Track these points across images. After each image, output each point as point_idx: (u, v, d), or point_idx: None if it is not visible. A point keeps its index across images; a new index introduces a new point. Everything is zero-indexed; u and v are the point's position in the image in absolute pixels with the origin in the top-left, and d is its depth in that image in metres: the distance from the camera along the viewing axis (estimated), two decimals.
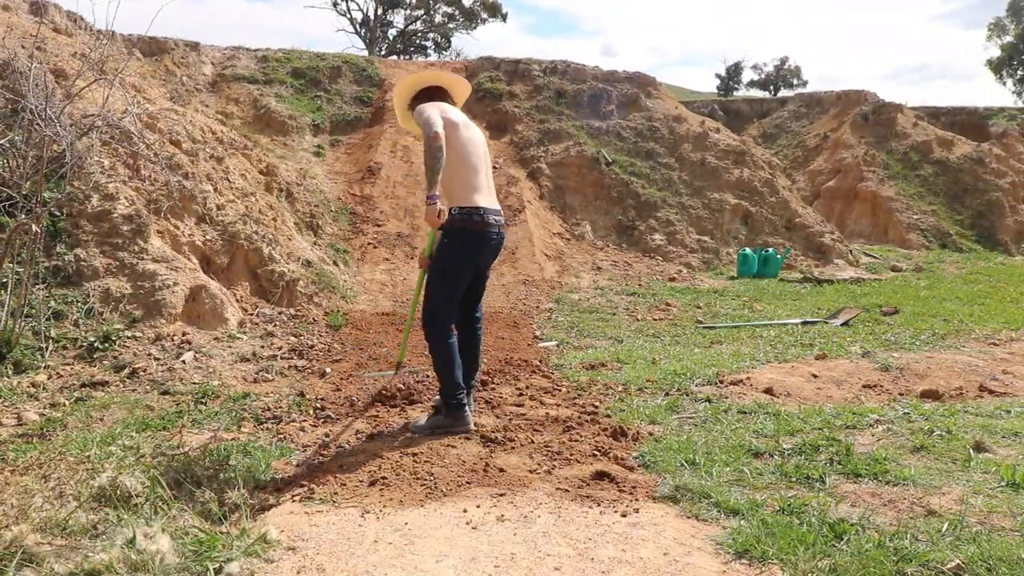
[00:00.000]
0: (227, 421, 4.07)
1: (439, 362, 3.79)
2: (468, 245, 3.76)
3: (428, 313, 3.80)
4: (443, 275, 3.79)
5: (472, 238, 3.74)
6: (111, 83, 6.17)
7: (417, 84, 4.07)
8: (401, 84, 4.13)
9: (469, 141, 3.86)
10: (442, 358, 3.77)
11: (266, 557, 2.50)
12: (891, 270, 12.98)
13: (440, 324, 3.79)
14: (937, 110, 22.36)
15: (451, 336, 3.82)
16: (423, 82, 4.08)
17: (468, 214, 3.72)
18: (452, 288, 3.80)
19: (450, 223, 3.68)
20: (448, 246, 3.75)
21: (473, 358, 4.04)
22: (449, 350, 3.78)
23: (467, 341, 4.00)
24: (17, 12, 7.93)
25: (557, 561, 2.52)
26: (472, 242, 3.75)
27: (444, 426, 3.75)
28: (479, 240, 3.76)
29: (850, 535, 2.63)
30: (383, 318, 7.37)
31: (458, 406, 3.75)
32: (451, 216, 3.67)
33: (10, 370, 4.69)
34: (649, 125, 13.90)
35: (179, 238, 6.69)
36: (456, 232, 3.72)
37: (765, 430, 3.87)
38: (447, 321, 3.82)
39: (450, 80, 4.15)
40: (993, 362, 5.81)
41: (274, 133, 11.93)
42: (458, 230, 3.71)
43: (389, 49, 39.00)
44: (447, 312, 3.81)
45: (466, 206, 3.73)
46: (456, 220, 3.69)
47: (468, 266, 3.83)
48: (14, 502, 2.69)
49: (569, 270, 10.28)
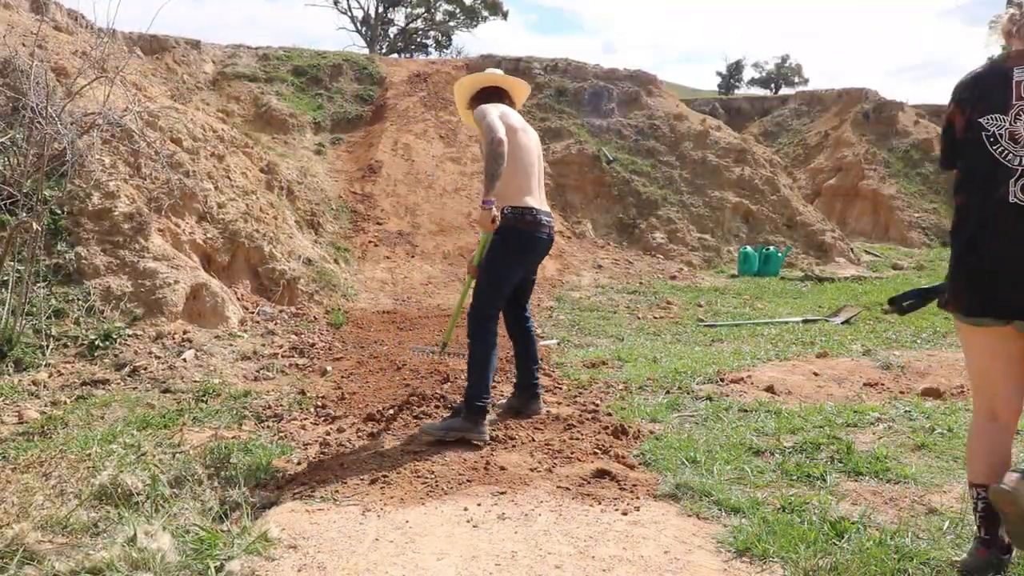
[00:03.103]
0: (228, 419, 4.07)
1: (476, 359, 3.75)
2: (519, 244, 3.79)
3: (475, 310, 3.80)
4: (493, 274, 3.81)
5: (524, 237, 3.78)
6: (112, 81, 6.17)
7: (476, 84, 4.13)
8: (461, 83, 4.17)
9: (525, 146, 3.91)
10: (480, 356, 3.74)
11: (267, 555, 2.50)
12: (892, 268, 12.97)
13: (485, 323, 3.78)
14: (938, 108, 22.30)
15: (494, 336, 3.79)
16: (482, 83, 4.12)
17: (520, 214, 3.76)
18: (501, 287, 3.83)
19: (502, 222, 3.72)
20: (500, 245, 3.77)
21: (531, 354, 4.11)
22: (489, 350, 3.76)
23: (523, 339, 4.11)
24: (18, 10, 7.93)
25: (558, 559, 2.52)
26: (523, 241, 3.79)
27: (460, 430, 3.60)
28: (530, 240, 3.80)
29: (851, 533, 2.63)
30: (384, 316, 7.38)
31: (481, 411, 3.65)
32: (503, 215, 3.72)
33: (11, 368, 4.70)
34: (650, 123, 13.89)
35: (180, 236, 6.69)
36: (508, 231, 3.75)
37: (766, 428, 3.87)
38: (493, 320, 3.81)
39: (510, 83, 4.19)
40: None
41: (275, 131, 11.93)
42: (510, 229, 3.74)
43: (390, 47, 38.98)
44: (494, 311, 3.82)
45: (518, 206, 3.77)
46: (508, 219, 3.73)
47: (518, 265, 3.88)
48: (15, 500, 2.69)
49: (570, 268, 10.27)
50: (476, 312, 3.80)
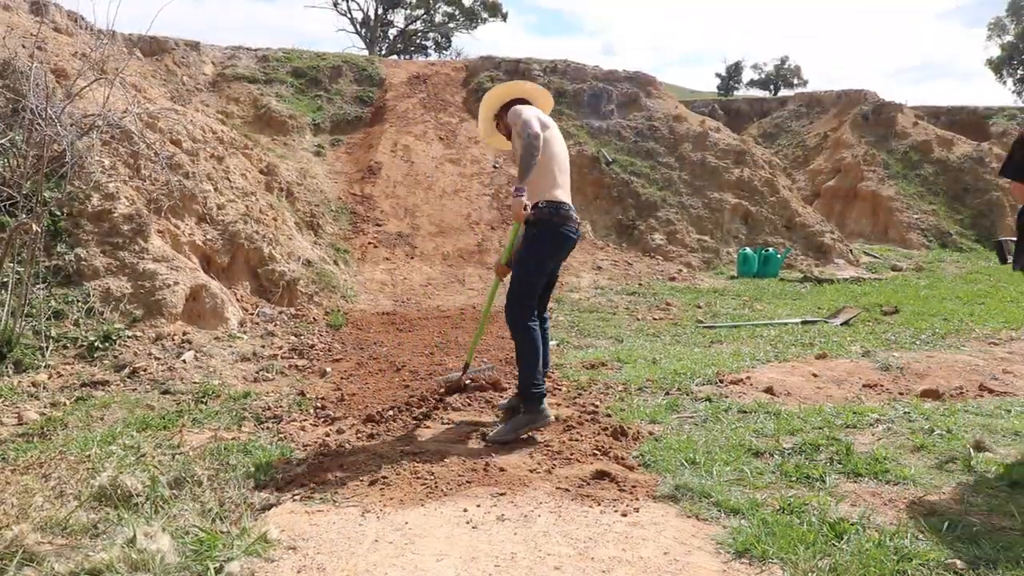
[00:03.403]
0: (227, 420, 4.07)
1: (524, 352, 3.82)
2: (554, 237, 3.86)
3: (513, 305, 3.85)
4: (528, 266, 3.87)
5: (558, 230, 3.84)
6: (111, 83, 6.17)
7: (505, 95, 4.21)
8: (489, 96, 4.24)
9: (558, 143, 4.00)
10: (527, 348, 3.82)
11: (266, 556, 2.50)
12: (891, 269, 12.98)
13: (524, 314, 3.84)
14: (937, 109, 22.36)
15: (535, 327, 3.87)
16: (510, 94, 4.22)
17: (556, 207, 3.84)
18: (536, 280, 3.89)
19: (537, 215, 3.80)
20: (535, 238, 3.85)
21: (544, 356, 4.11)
22: (534, 340, 3.83)
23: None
24: (18, 12, 7.93)
25: (557, 560, 2.53)
26: (557, 234, 3.85)
27: (526, 423, 3.72)
28: (563, 233, 3.86)
29: (850, 534, 2.63)
30: (383, 318, 7.38)
31: (539, 397, 3.76)
32: (538, 209, 3.80)
33: (11, 369, 4.70)
34: (649, 125, 13.90)
35: (179, 237, 6.69)
36: (543, 224, 3.82)
37: (765, 429, 3.88)
38: (530, 310, 3.87)
39: (537, 93, 4.28)
40: (993, 361, 5.81)
41: (274, 133, 11.93)
42: (545, 222, 3.82)
43: (389, 49, 39.01)
44: (531, 302, 3.88)
45: (553, 200, 3.85)
46: (544, 212, 3.81)
47: (551, 259, 3.95)
48: (15, 501, 2.69)
49: (569, 269, 10.28)
50: (513, 306, 3.85)
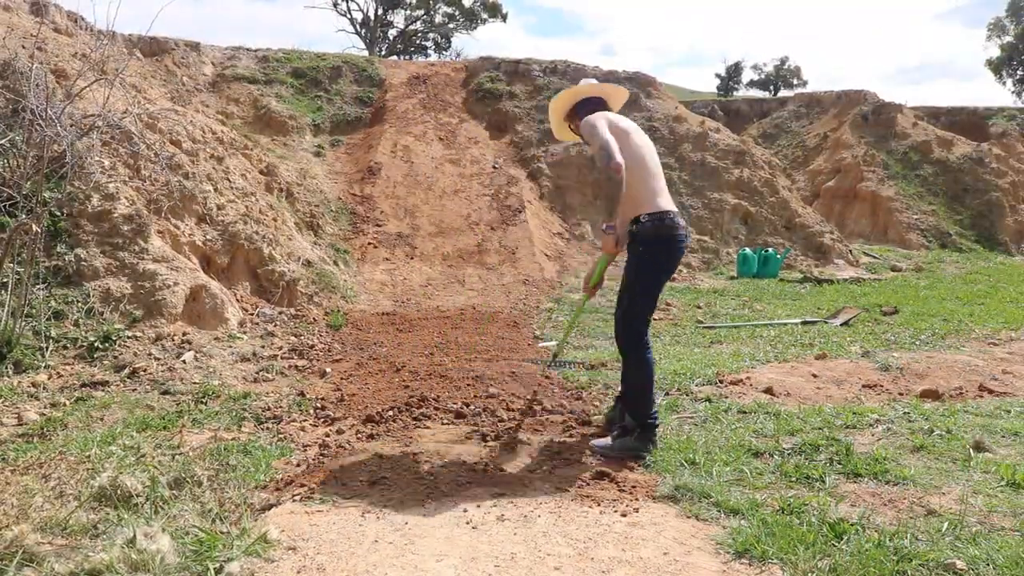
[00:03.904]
0: (227, 421, 4.07)
1: (636, 380, 3.61)
2: (662, 251, 3.60)
3: (628, 330, 3.61)
4: (640, 287, 3.61)
5: (665, 244, 3.58)
6: (111, 83, 6.18)
7: (574, 98, 3.97)
8: (557, 100, 4.00)
9: (644, 146, 3.73)
10: (640, 376, 3.59)
11: (266, 557, 2.50)
12: (891, 270, 12.98)
13: (639, 340, 3.60)
14: (937, 110, 22.37)
15: (650, 353, 3.64)
16: (580, 95, 3.96)
17: (659, 219, 3.56)
18: (650, 301, 3.65)
19: (642, 231, 3.54)
20: (643, 256, 3.57)
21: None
22: (648, 368, 3.60)
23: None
24: (18, 12, 7.93)
25: (557, 561, 2.53)
26: (666, 248, 3.60)
27: (635, 449, 3.51)
28: (672, 245, 3.60)
29: (850, 535, 2.64)
30: (383, 318, 7.38)
31: (652, 427, 3.56)
32: (641, 224, 3.53)
33: (10, 370, 4.70)
34: (649, 125, 13.90)
35: (179, 238, 6.69)
36: (650, 240, 3.55)
37: (765, 430, 3.88)
38: (645, 335, 3.63)
39: (609, 90, 4.02)
40: (993, 362, 5.81)
41: (274, 133, 11.94)
42: (651, 238, 3.55)
43: (389, 49, 39.02)
44: (645, 326, 3.64)
45: (655, 211, 3.56)
46: (648, 228, 3.53)
47: (664, 274, 3.69)
48: (14, 502, 2.69)
49: (569, 270, 10.28)
50: (628, 330, 3.62)
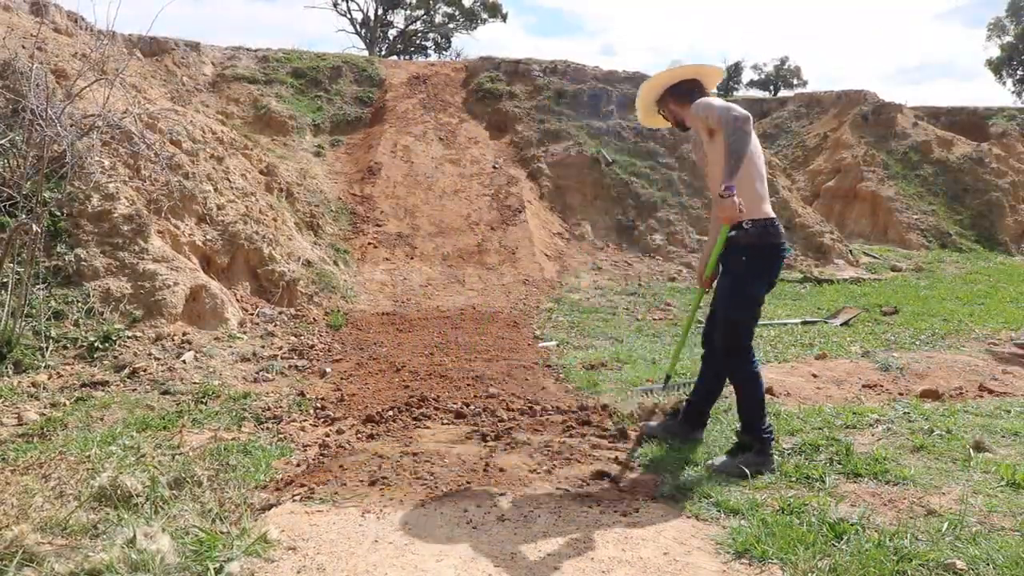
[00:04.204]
0: (227, 421, 4.07)
1: (747, 395, 3.41)
2: (767, 261, 3.37)
3: (732, 343, 3.42)
4: (743, 299, 3.39)
5: (770, 253, 3.36)
6: (111, 83, 6.17)
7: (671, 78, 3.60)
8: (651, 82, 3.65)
9: (756, 146, 3.41)
10: (749, 390, 3.40)
11: (266, 557, 2.50)
12: (891, 270, 12.98)
13: (746, 356, 3.41)
14: (937, 110, 22.35)
15: (757, 365, 3.45)
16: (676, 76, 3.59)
17: (764, 227, 3.32)
18: (754, 313, 3.44)
19: (744, 238, 3.30)
20: (746, 265, 3.34)
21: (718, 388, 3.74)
22: (757, 381, 3.40)
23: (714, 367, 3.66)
24: (18, 12, 7.93)
25: (557, 561, 2.53)
26: (770, 258, 3.38)
27: (756, 464, 3.29)
28: (776, 255, 3.39)
29: (850, 535, 2.64)
30: (383, 318, 7.38)
31: (769, 442, 3.37)
32: (745, 231, 3.29)
33: (10, 370, 4.70)
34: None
35: (179, 238, 6.69)
36: (754, 249, 3.32)
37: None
38: (751, 351, 3.45)
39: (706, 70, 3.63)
40: (993, 362, 5.81)
41: (274, 133, 11.93)
42: (756, 246, 3.32)
43: (389, 49, 39.01)
44: (749, 340, 3.45)
45: (760, 218, 3.31)
46: (752, 236, 3.30)
47: (766, 285, 3.43)
48: (14, 502, 2.69)
49: (569, 270, 10.28)
50: (733, 348, 3.42)
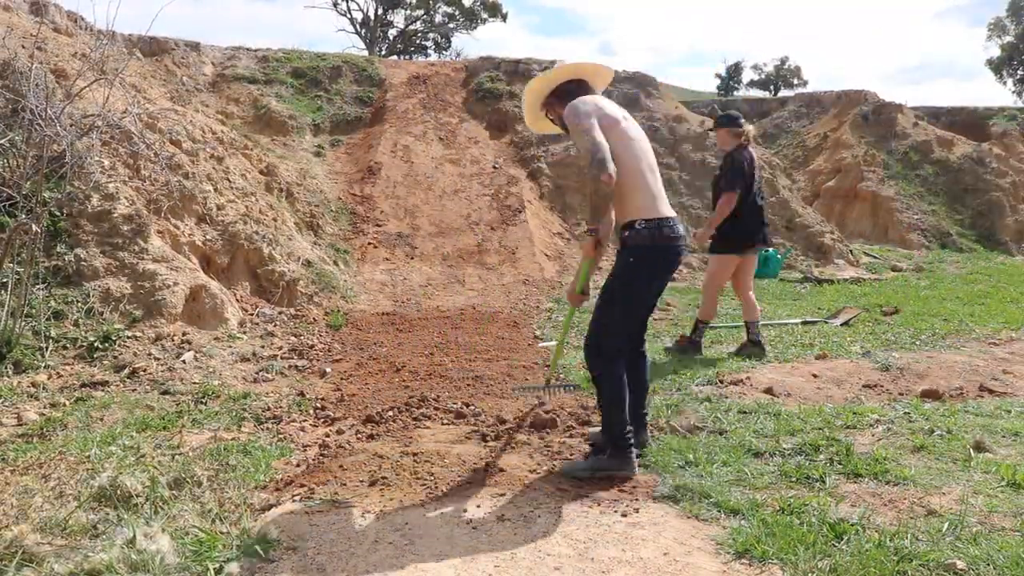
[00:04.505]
0: (227, 421, 4.07)
1: (606, 398, 3.29)
2: (656, 263, 3.27)
3: (595, 343, 3.30)
4: (621, 300, 3.27)
5: (661, 255, 3.25)
6: (111, 83, 6.17)
7: (552, 83, 3.49)
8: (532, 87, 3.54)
9: (637, 139, 3.32)
10: (610, 393, 3.27)
11: (266, 557, 2.50)
12: (891, 270, 12.97)
13: (609, 355, 3.28)
14: (937, 110, 22.36)
15: (620, 369, 3.31)
16: (559, 78, 3.48)
17: (657, 227, 3.20)
18: (630, 314, 3.32)
19: (635, 239, 3.20)
20: (632, 266, 3.22)
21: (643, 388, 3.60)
22: (618, 385, 3.28)
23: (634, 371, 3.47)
24: (17, 12, 7.93)
25: (557, 561, 2.53)
26: (660, 260, 3.27)
27: (607, 468, 3.25)
28: (668, 257, 3.28)
29: (850, 535, 2.63)
30: (383, 318, 7.38)
31: (625, 447, 3.26)
32: (635, 231, 3.20)
33: (10, 370, 4.70)
34: (649, 125, 13.89)
35: (179, 238, 6.69)
36: (642, 250, 3.20)
37: (765, 430, 3.87)
38: (618, 352, 3.31)
39: (590, 70, 3.50)
40: (993, 362, 5.81)
41: (274, 133, 11.93)
42: (646, 247, 3.20)
43: (389, 49, 39.02)
44: (618, 342, 3.31)
45: (652, 217, 3.20)
46: (642, 235, 3.19)
47: (651, 288, 3.35)
48: (14, 502, 2.69)
49: (569, 270, 10.27)
50: (601, 347, 3.29)
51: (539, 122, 3.69)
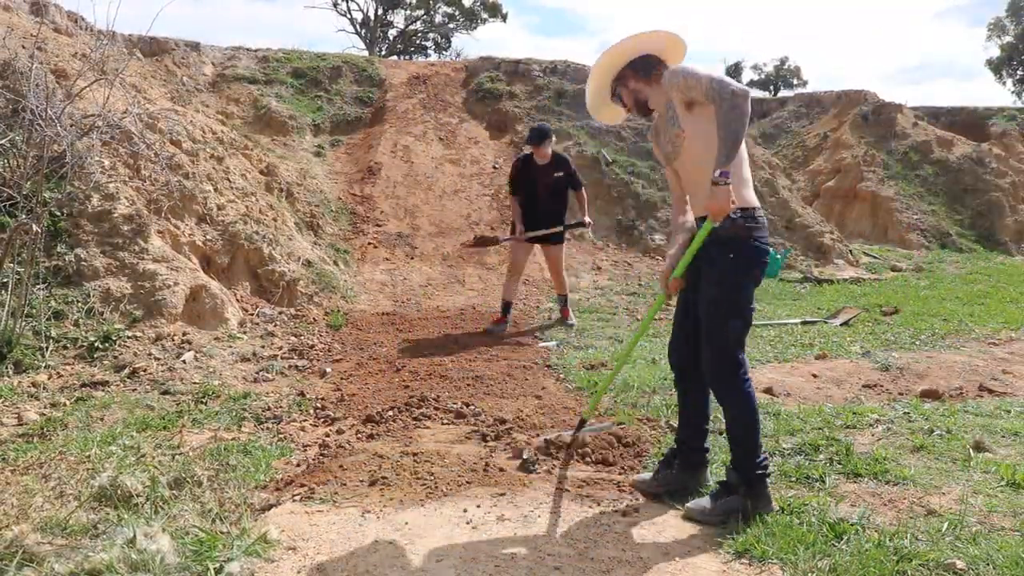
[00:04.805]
0: (227, 421, 4.07)
1: (741, 421, 2.86)
2: (757, 257, 2.86)
3: (726, 359, 2.85)
4: (736, 304, 2.84)
5: (760, 247, 2.85)
6: (111, 83, 6.17)
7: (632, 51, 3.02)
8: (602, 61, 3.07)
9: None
10: (745, 416, 2.86)
11: (266, 557, 2.50)
12: (891, 270, 12.98)
13: (739, 370, 2.86)
14: (937, 110, 22.34)
15: (750, 385, 2.90)
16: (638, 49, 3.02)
17: (753, 217, 2.83)
18: (748, 319, 2.88)
19: (733, 230, 2.79)
20: (735, 264, 2.81)
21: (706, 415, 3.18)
22: (752, 404, 2.87)
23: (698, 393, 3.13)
24: (18, 12, 7.93)
25: (557, 561, 2.53)
26: (761, 254, 2.86)
27: (744, 510, 2.77)
28: (764, 250, 2.88)
29: (850, 535, 2.64)
30: (383, 318, 7.38)
31: (761, 479, 2.83)
32: (733, 222, 2.77)
33: (11, 370, 4.70)
34: (649, 125, 13.89)
35: (179, 238, 6.69)
36: (742, 244, 2.81)
37: (765, 430, 3.87)
38: (743, 364, 2.89)
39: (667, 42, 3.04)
40: (993, 362, 5.81)
41: (274, 133, 11.93)
42: (745, 241, 2.81)
43: (389, 49, 39.01)
44: (742, 352, 2.90)
45: (748, 207, 2.83)
46: (739, 227, 2.79)
47: (754, 286, 2.90)
48: (15, 502, 2.69)
49: (569, 270, 10.26)
50: (728, 361, 2.85)
51: (604, 107, 3.23)
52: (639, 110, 3.14)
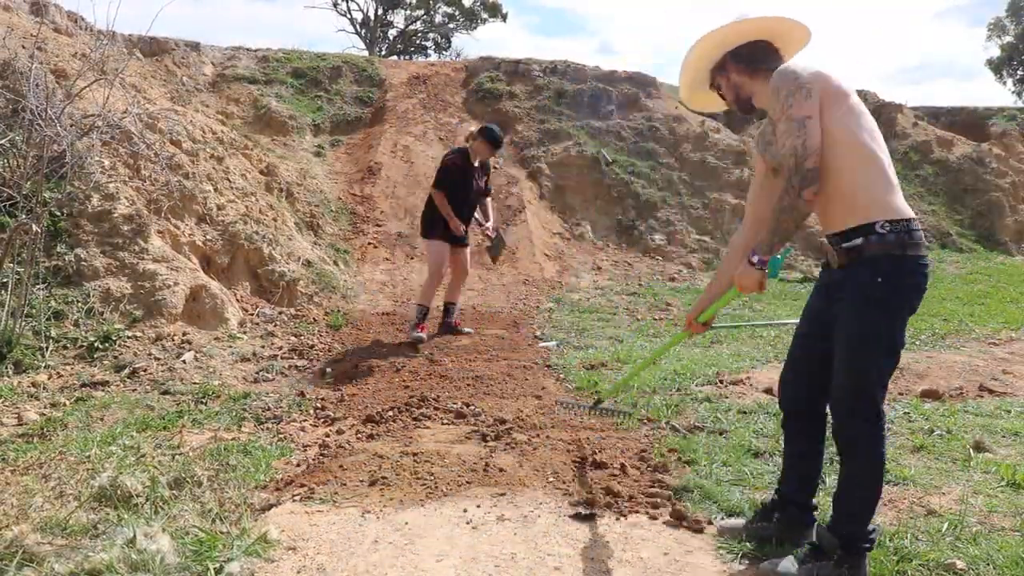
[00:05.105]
0: (227, 421, 4.07)
1: (861, 479, 2.39)
2: (912, 281, 2.34)
3: (863, 401, 2.35)
4: (879, 338, 2.33)
5: (915, 269, 2.33)
6: (111, 83, 6.17)
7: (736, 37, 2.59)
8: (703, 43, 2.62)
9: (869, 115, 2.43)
10: (870, 472, 2.38)
11: (266, 557, 2.50)
12: None
13: (875, 417, 2.36)
14: (937, 110, 22.34)
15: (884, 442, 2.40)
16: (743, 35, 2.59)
17: (906, 232, 2.30)
18: (894, 355, 2.37)
19: (879, 248, 2.30)
20: (882, 288, 2.29)
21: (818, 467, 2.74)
22: (881, 462, 2.39)
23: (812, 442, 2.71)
24: (18, 12, 7.94)
25: (557, 561, 2.53)
26: (916, 276, 2.34)
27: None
28: (923, 271, 2.35)
29: None
30: (383, 318, 7.38)
31: (864, 552, 2.38)
32: (878, 236, 2.29)
33: (10, 370, 4.70)
34: (649, 125, 13.90)
35: (179, 238, 6.69)
36: (892, 263, 2.30)
37: (765, 430, 3.87)
38: (882, 415, 2.39)
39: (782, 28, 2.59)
40: (993, 362, 5.81)
41: (274, 133, 11.93)
42: (895, 259, 2.30)
43: (389, 49, 39.01)
44: (883, 395, 2.39)
45: (897, 218, 2.31)
46: (889, 243, 2.29)
47: (906, 316, 2.36)
48: (14, 502, 2.69)
49: (569, 270, 10.28)
50: (864, 404, 2.35)
51: (698, 94, 2.83)
52: (741, 107, 2.71)
